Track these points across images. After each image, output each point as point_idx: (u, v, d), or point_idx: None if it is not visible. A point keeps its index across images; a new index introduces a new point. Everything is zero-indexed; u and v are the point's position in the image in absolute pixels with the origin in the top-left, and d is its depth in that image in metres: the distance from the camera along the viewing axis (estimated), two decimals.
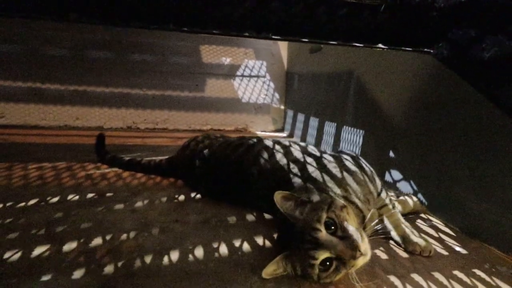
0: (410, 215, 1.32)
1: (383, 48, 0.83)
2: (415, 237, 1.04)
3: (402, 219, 1.10)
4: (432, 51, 0.83)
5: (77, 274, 0.84)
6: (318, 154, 1.25)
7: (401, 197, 1.32)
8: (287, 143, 1.38)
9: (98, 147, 1.99)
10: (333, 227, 0.80)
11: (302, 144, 1.41)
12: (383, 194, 1.13)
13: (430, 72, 1.38)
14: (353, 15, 0.77)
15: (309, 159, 1.20)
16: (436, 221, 1.29)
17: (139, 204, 1.35)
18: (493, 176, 1.08)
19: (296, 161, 1.21)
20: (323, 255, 0.77)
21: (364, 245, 0.79)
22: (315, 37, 0.78)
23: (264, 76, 3.72)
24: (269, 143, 1.39)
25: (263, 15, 0.72)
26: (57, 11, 0.66)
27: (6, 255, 0.91)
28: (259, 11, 0.71)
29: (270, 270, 0.81)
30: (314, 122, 2.73)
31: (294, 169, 1.16)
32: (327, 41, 0.80)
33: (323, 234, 0.79)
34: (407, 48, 0.84)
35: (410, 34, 0.84)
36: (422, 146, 1.42)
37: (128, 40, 3.38)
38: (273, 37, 0.74)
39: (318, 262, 0.77)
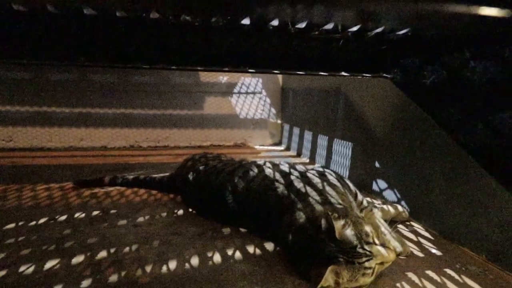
0: (396, 223, 1.41)
1: (345, 76, 0.95)
2: (393, 241, 1.13)
3: (381, 222, 1.19)
4: (389, 76, 0.94)
5: (85, 284, 0.94)
6: (303, 170, 1.35)
7: (383, 206, 1.41)
8: (276, 162, 1.47)
9: (88, 184, 1.99)
10: (370, 238, 0.92)
11: (290, 163, 1.48)
12: (360, 198, 1.23)
13: None
14: (319, 48, 0.89)
15: (295, 174, 1.31)
16: (417, 226, 1.38)
17: (141, 219, 1.45)
18: (464, 184, 1.17)
19: (285, 176, 1.30)
20: (374, 263, 0.88)
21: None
22: (285, 68, 0.90)
23: (260, 93, 3.86)
24: (260, 162, 1.47)
25: (241, 52, 0.84)
26: (68, 57, 0.78)
27: (21, 269, 1.01)
28: (237, 48, 0.83)
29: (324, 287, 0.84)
30: (308, 135, 2.84)
31: (282, 186, 1.24)
32: (295, 72, 0.91)
33: (374, 246, 0.90)
34: (366, 74, 0.96)
35: (368, 62, 0.95)
36: (403, 158, 1.52)
37: None
38: (249, 70, 0.86)
39: (372, 271, 0.88)
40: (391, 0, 0.52)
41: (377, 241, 0.93)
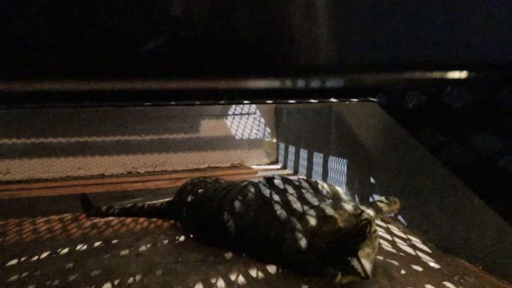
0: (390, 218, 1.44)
1: (334, 102, 1.01)
2: None
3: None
4: (375, 100, 1.00)
5: None
6: (297, 183, 1.38)
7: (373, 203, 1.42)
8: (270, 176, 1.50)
9: (86, 208, 2.02)
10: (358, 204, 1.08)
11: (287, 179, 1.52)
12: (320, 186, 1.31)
13: None
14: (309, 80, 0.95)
15: (289, 189, 1.33)
16: (415, 240, 1.41)
17: (142, 248, 1.46)
18: (459, 198, 1.21)
19: (280, 193, 1.33)
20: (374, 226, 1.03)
21: None
22: (278, 98, 0.95)
23: (255, 113, 3.93)
24: (255, 180, 1.50)
25: (235, 87, 0.90)
26: (75, 100, 0.83)
27: None
28: (231, 84, 0.89)
29: None
30: (304, 153, 2.89)
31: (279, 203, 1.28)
32: (287, 101, 0.97)
33: (365, 209, 1.06)
34: (354, 99, 1.02)
35: (355, 88, 1.02)
36: (397, 173, 1.57)
37: None
38: (244, 102, 0.91)
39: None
40: (371, 72, 0.60)
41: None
